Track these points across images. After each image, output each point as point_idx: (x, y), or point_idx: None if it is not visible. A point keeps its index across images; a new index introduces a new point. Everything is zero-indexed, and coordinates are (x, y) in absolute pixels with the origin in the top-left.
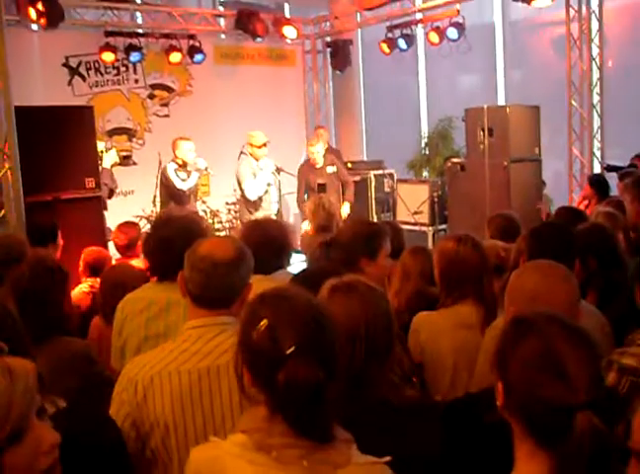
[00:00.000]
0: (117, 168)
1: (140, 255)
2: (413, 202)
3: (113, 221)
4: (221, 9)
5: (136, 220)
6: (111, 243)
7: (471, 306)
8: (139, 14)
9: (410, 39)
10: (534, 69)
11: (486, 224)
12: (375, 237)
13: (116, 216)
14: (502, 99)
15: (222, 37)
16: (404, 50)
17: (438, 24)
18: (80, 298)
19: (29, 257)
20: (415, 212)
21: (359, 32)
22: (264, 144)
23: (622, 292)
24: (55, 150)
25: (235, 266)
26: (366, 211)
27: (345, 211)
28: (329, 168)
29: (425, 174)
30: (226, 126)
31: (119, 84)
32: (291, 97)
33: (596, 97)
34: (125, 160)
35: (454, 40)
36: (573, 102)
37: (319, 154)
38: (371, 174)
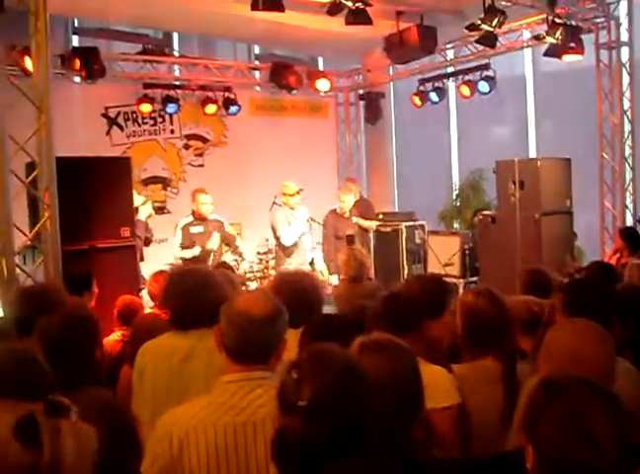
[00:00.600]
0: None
1: None
2: (444, 254)
3: (146, 269)
4: (257, 62)
5: (165, 268)
6: (145, 291)
7: (492, 361)
8: (177, 66)
9: (441, 91)
10: (566, 121)
11: (517, 278)
12: (440, 296)
13: (149, 264)
14: (533, 150)
15: (257, 89)
16: (435, 103)
17: (469, 77)
18: (111, 345)
19: (65, 308)
20: (446, 264)
21: (391, 84)
22: (297, 192)
23: None
24: (92, 199)
25: (271, 321)
26: (397, 263)
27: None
28: (354, 219)
29: (455, 225)
30: (259, 177)
31: (155, 134)
32: (324, 148)
33: (627, 149)
34: (160, 211)
35: (485, 94)
36: (604, 154)
37: (349, 204)
38: (403, 225)
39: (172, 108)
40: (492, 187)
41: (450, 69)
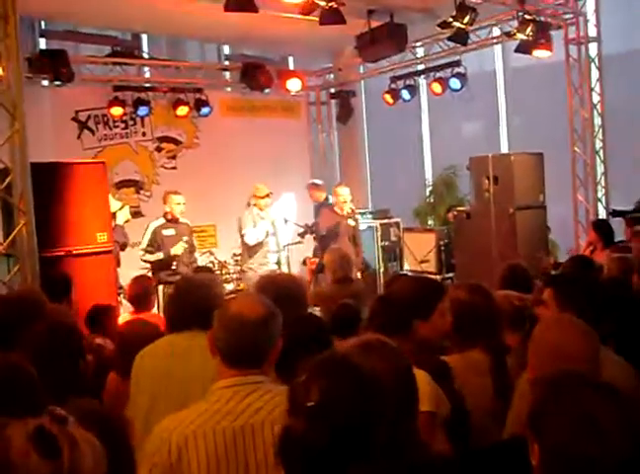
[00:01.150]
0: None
1: (153, 308)
2: (420, 251)
3: (123, 274)
4: (227, 63)
5: (145, 272)
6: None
7: (480, 353)
8: (147, 68)
9: (413, 89)
10: (537, 116)
11: (495, 274)
12: (429, 297)
13: (126, 269)
14: (505, 146)
15: (228, 90)
16: (407, 101)
17: (440, 74)
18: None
19: (47, 316)
20: (422, 261)
21: (362, 83)
22: (267, 195)
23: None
24: (68, 205)
25: (264, 324)
26: (373, 260)
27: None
28: (350, 221)
29: (430, 222)
30: (233, 178)
31: (127, 137)
32: (297, 148)
33: (598, 143)
34: (136, 215)
35: (457, 90)
36: (576, 148)
37: (347, 197)
38: (377, 223)
39: (143, 110)
40: (465, 183)
41: (421, 67)
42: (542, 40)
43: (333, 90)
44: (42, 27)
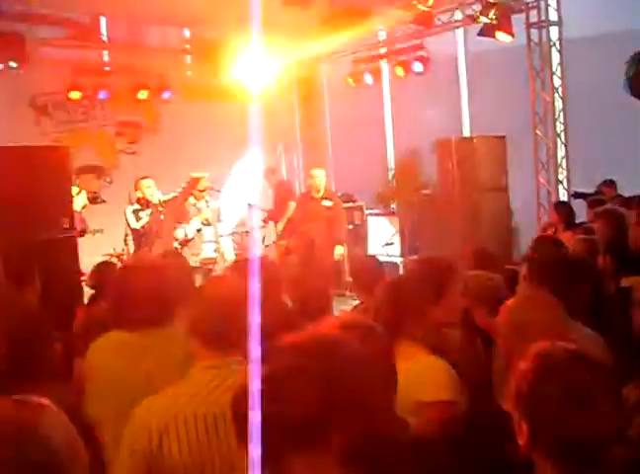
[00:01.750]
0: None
1: None
2: (383, 234)
3: (83, 261)
4: (188, 46)
5: (107, 259)
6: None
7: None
8: (106, 52)
9: (376, 72)
10: (499, 100)
11: (461, 257)
12: (441, 278)
13: (85, 255)
14: (467, 129)
15: (189, 73)
16: (370, 84)
17: (403, 57)
18: None
19: (17, 303)
20: (386, 244)
21: (324, 65)
22: (204, 189)
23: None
24: (30, 191)
25: (244, 306)
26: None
27: (337, 253)
28: (325, 202)
29: (393, 205)
30: (194, 163)
31: (86, 122)
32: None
33: (560, 126)
34: (94, 201)
35: (420, 74)
36: (538, 132)
37: (322, 179)
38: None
39: (103, 94)
40: (428, 166)
41: (384, 50)
42: (505, 24)
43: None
44: None
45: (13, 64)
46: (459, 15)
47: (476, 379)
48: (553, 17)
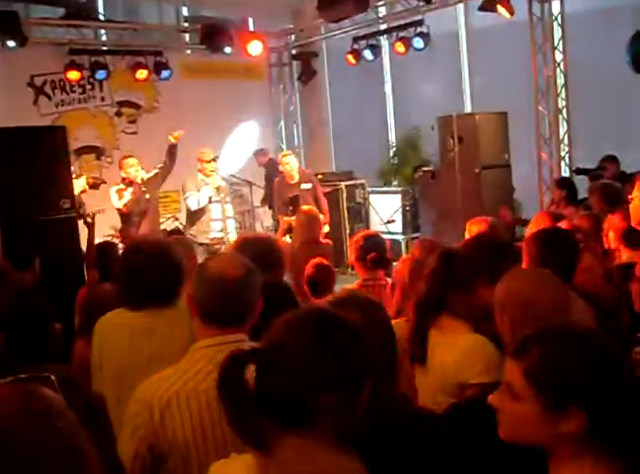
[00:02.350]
0: None
1: None
2: (385, 212)
3: (83, 240)
4: (186, 24)
5: (108, 239)
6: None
7: None
8: (103, 31)
9: (376, 49)
10: (500, 75)
11: (467, 229)
12: (498, 258)
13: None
14: (468, 106)
15: (188, 52)
16: (370, 61)
17: (403, 34)
18: None
19: (12, 284)
20: (388, 221)
21: (324, 44)
22: (212, 159)
23: None
24: (29, 171)
25: (245, 282)
26: (339, 222)
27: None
28: (304, 185)
29: (395, 183)
30: (194, 142)
31: (85, 102)
32: (259, 110)
33: (561, 101)
34: (94, 187)
35: (420, 50)
36: (539, 107)
37: (294, 165)
38: (343, 185)
39: (101, 74)
40: (429, 143)
41: (384, 26)
42: None
43: (294, 51)
44: None
45: (10, 44)
46: None
47: None
48: None
